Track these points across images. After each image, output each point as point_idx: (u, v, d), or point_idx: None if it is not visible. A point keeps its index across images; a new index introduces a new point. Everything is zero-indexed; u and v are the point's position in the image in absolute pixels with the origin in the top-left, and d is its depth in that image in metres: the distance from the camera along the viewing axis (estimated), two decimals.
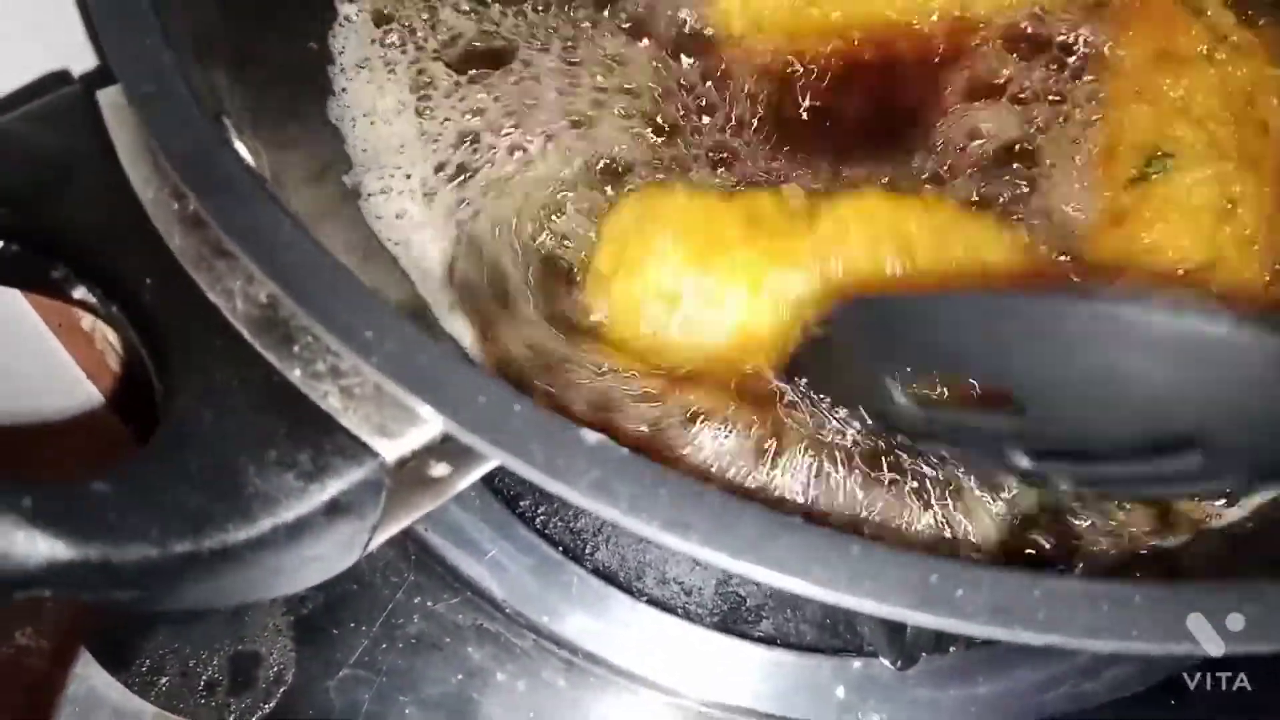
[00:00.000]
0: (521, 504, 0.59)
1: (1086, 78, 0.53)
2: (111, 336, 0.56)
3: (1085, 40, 0.52)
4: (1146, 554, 0.44)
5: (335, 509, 0.31)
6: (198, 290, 0.34)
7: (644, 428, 0.47)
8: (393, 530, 0.35)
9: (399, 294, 0.46)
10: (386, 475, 0.32)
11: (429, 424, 0.33)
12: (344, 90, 0.53)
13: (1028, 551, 0.45)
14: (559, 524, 0.58)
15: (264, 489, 0.30)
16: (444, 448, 0.34)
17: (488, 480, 0.60)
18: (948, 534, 0.45)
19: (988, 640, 0.56)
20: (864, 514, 0.46)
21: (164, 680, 0.54)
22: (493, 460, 0.36)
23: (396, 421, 0.33)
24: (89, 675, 0.54)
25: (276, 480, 0.30)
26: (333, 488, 0.31)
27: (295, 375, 0.33)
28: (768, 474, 0.46)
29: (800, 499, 0.46)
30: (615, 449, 0.30)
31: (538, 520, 0.58)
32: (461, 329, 0.48)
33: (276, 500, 0.30)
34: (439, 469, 0.34)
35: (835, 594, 0.28)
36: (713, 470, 0.46)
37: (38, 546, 0.26)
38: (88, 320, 0.54)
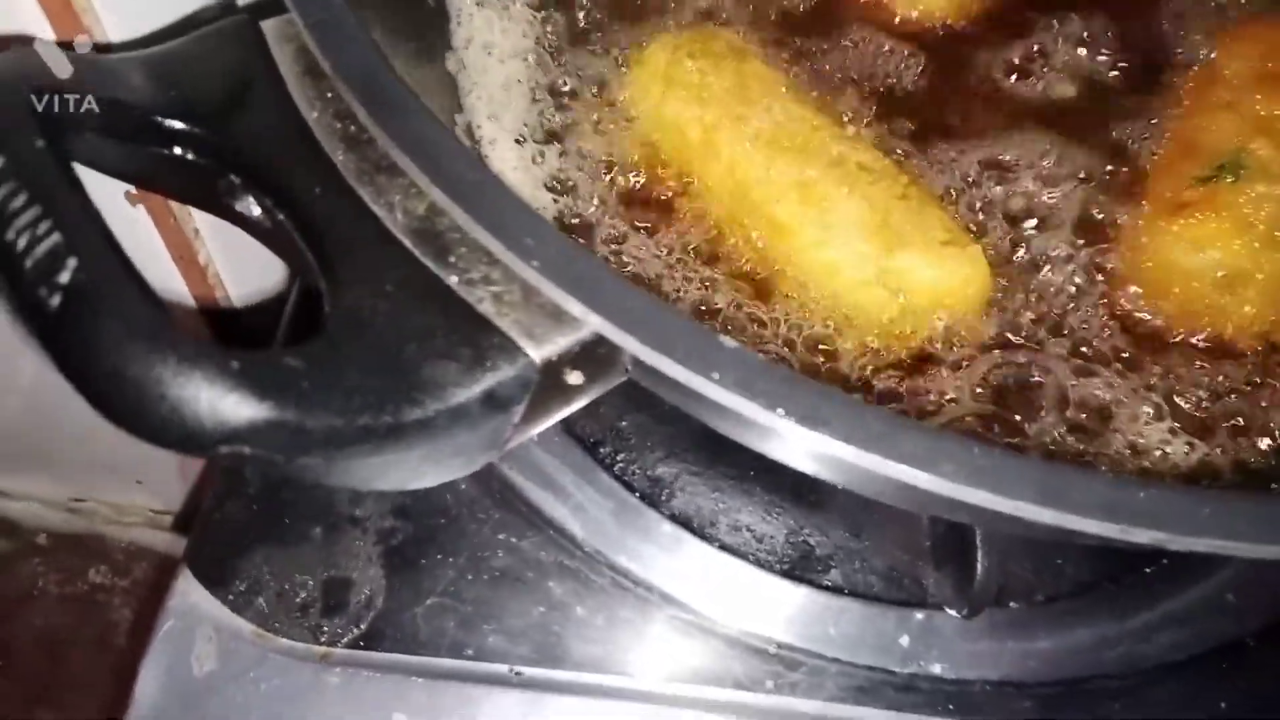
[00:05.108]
0: (601, 450, 0.61)
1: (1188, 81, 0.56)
2: (222, 272, 0.59)
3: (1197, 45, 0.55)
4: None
5: (490, 400, 0.34)
6: (361, 201, 0.36)
7: None
8: (529, 433, 0.38)
9: None
10: (535, 374, 0.35)
11: (573, 330, 0.35)
12: (464, 47, 0.55)
13: None
14: (637, 470, 0.61)
15: (431, 376, 0.33)
16: (581, 356, 0.36)
17: (569, 427, 0.62)
18: None
19: (1048, 597, 0.60)
20: None
21: (260, 600, 0.56)
22: (621, 374, 0.39)
23: (543, 327, 0.35)
24: (190, 591, 0.57)
25: (441, 369, 0.33)
26: (489, 380, 0.34)
27: (452, 281, 0.35)
28: None
29: None
30: (751, 353, 0.33)
31: (616, 466, 0.61)
32: None
33: (443, 387, 0.33)
34: (574, 377, 0.37)
35: (961, 488, 0.30)
36: None
37: (243, 406, 0.29)
38: (203, 254, 0.57)
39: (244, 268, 0.61)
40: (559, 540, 0.58)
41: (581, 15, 0.58)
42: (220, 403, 0.29)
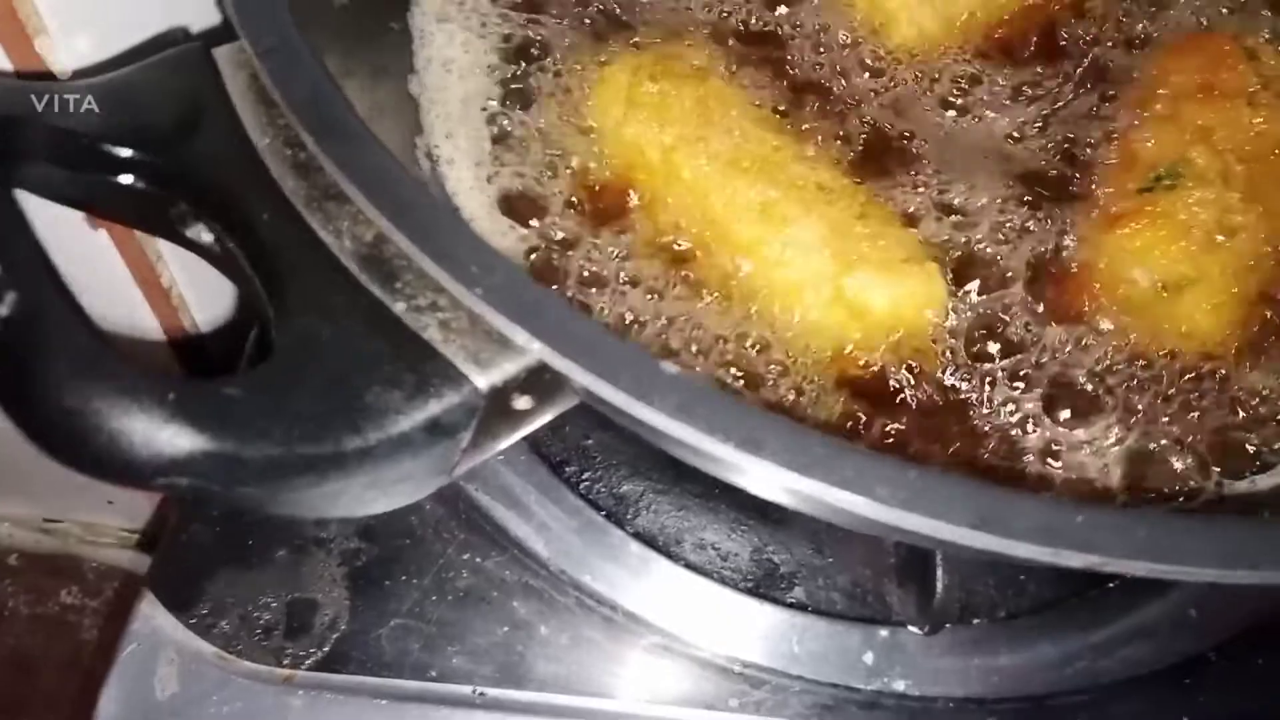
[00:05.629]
0: (567, 469, 0.61)
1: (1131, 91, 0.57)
2: (185, 295, 0.59)
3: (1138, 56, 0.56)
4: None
5: (434, 428, 0.34)
6: (309, 228, 0.37)
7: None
8: (477, 459, 0.38)
9: None
10: (480, 400, 0.35)
11: (519, 356, 0.35)
12: (425, 68, 0.56)
13: None
14: (602, 490, 0.61)
15: (374, 404, 0.33)
16: (529, 381, 0.36)
17: (535, 446, 0.62)
18: None
19: (1011, 613, 0.60)
20: None
21: (224, 623, 0.56)
22: (571, 398, 0.39)
23: (489, 353, 0.35)
24: (153, 615, 0.56)
25: (385, 396, 0.33)
26: (434, 407, 0.34)
27: (398, 308, 0.36)
28: None
29: None
30: (691, 379, 0.33)
31: (582, 485, 0.61)
32: None
33: (385, 414, 0.33)
34: (522, 402, 0.37)
35: (896, 513, 0.31)
36: None
37: (179, 437, 0.29)
38: (166, 277, 0.57)
39: (209, 291, 0.61)
40: (524, 560, 0.59)
41: (544, 31, 0.58)
42: (156, 435, 0.29)
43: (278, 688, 0.55)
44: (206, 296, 0.61)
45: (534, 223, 0.52)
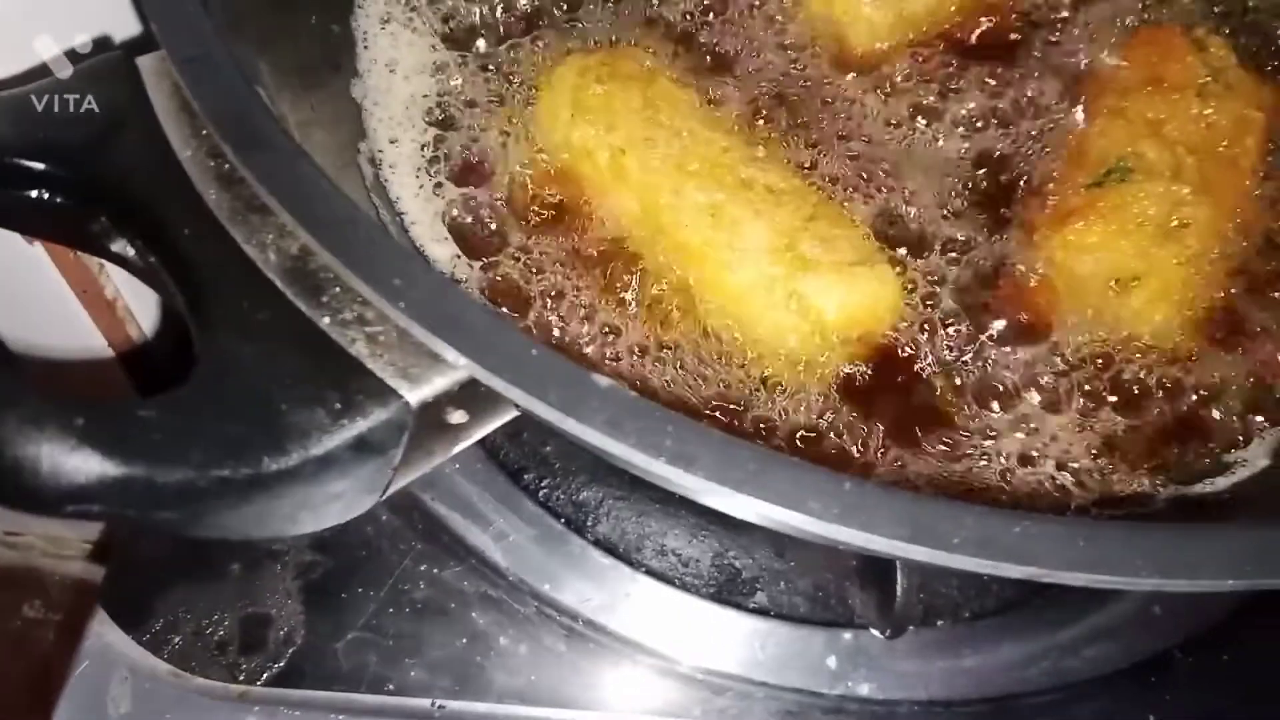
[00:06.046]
0: (525, 477, 0.61)
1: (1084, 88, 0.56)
2: (132, 305, 0.58)
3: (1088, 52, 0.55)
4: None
5: (361, 446, 0.33)
6: (233, 241, 0.36)
7: None
8: (411, 476, 0.37)
9: None
10: (410, 417, 0.34)
11: (451, 370, 0.35)
12: (368, 70, 0.55)
13: None
14: (561, 497, 0.60)
15: (296, 423, 0.32)
16: (462, 395, 0.36)
17: (493, 454, 0.61)
18: None
19: (975, 614, 0.59)
20: None
21: (177, 639, 0.55)
22: (509, 411, 0.38)
23: (419, 368, 0.35)
24: (105, 632, 0.56)
25: (308, 415, 0.32)
26: (360, 425, 0.33)
27: (324, 323, 0.35)
28: None
29: None
30: (625, 392, 0.32)
31: (541, 493, 0.60)
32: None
33: (307, 434, 0.32)
34: (456, 416, 0.36)
35: (829, 526, 0.30)
36: None
37: (88, 463, 0.28)
38: (110, 289, 0.56)
39: (158, 300, 0.60)
40: (482, 570, 0.58)
41: (491, 33, 0.57)
42: (64, 462, 0.28)
43: (233, 704, 0.54)
44: (156, 306, 0.60)
45: (480, 228, 0.52)
